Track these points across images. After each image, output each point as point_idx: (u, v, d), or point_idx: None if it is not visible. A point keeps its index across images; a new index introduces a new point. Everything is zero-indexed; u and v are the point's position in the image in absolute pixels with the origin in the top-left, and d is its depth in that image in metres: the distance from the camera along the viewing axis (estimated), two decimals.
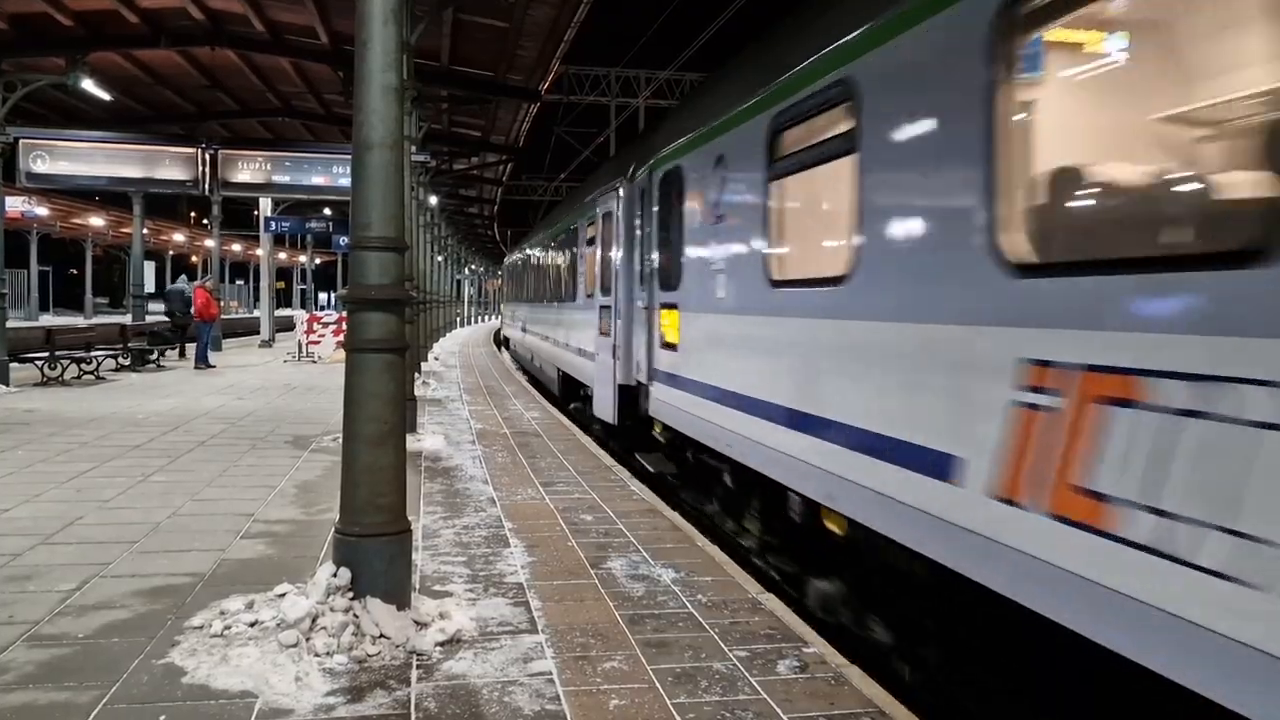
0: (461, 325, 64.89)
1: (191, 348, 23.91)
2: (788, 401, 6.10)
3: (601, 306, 12.56)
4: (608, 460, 10.75)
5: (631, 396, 11.07)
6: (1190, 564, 3.00)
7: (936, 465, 4.36)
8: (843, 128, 5.52)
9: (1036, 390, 3.73)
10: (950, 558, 4.25)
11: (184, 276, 28.18)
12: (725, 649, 4.84)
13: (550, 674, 4.45)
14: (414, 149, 15.31)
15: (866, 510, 5.07)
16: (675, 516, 7.94)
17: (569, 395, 17.33)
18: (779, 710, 4.12)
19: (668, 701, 4.17)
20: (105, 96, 20.34)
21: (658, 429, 10.19)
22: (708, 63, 42.62)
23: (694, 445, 8.79)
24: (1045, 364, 3.70)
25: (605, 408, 12.20)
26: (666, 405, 9.49)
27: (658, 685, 4.34)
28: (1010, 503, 3.83)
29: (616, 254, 11.76)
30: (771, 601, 5.66)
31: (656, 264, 10.01)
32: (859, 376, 5.26)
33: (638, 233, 10.96)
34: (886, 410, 4.90)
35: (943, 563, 4.31)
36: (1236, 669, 2.83)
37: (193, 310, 23.42)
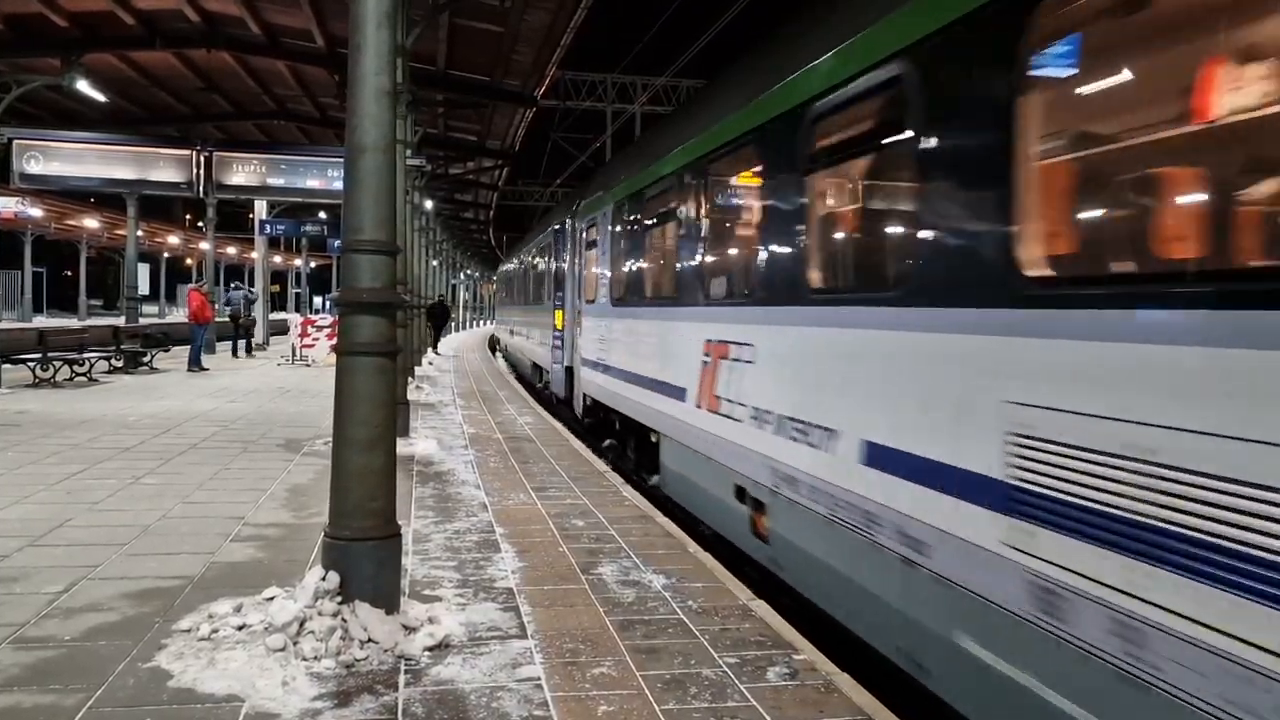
0: (456, 330, 64.84)
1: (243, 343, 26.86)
2: None
3: None
4: (600, 466, 10.74)
5: None
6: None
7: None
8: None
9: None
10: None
11: (243, 284, 29.64)
12: (715, 655, 4.82)
13: (539, 679, 4.44)
14: (409, 153, 15.32)
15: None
16: (667, 523, 7.93)
17: None
18: (768, 717, 4.11)
19: (656, 708, 4.15)
20: (100, 98, 20.35)
21: None
22: (704, 69, 42.69)
23: None
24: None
25: None
26: None
27: (646, 691, 4.33)
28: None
29: None
30: (762, 608, 5.65)
31: None
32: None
33: None
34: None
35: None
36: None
37: (188, 313, 23.45)
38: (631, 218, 11.26)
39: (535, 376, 22.44)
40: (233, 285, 30.39)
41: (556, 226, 17.87)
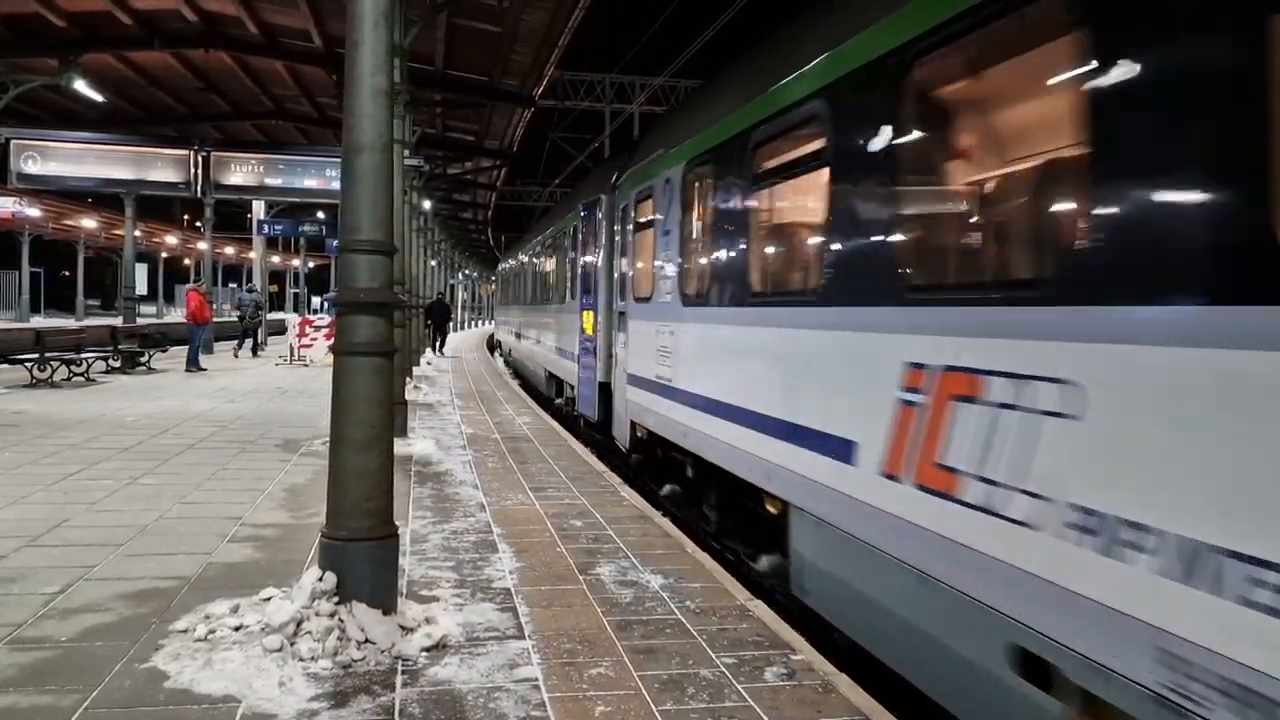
0: (455, 329, 64.77)
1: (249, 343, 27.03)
2: None
3: None
4: (599, 466, 10.73)
5: None
6: None
7: None
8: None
9: None
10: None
11: (255, 287, 29.27)
12: (713, 656, 4.82)
13: (536, 680, 4.43)
14: (407, 153, 15.31)
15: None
16: (666, 523, 7.92)
17: None
18: (765, 718, 4.10)
19: (654, 709, 4.15)
20: (98, 98, 20.34)
21: None
22: (702, 69, 42.63)
23: None
24: None
25: None
26: None
27: (644, 692, 4.32)
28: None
29: None
30: (760, 608, 5.64)
31: None
32: None
33: None
34: None
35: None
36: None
37: (186, 313, 23.46)
38: (724, 177, 7.60)
39: (551, 390, 18.79)
40: (247, 288, 30.50)
41: (585, 206, 14.00)
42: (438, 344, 32.98)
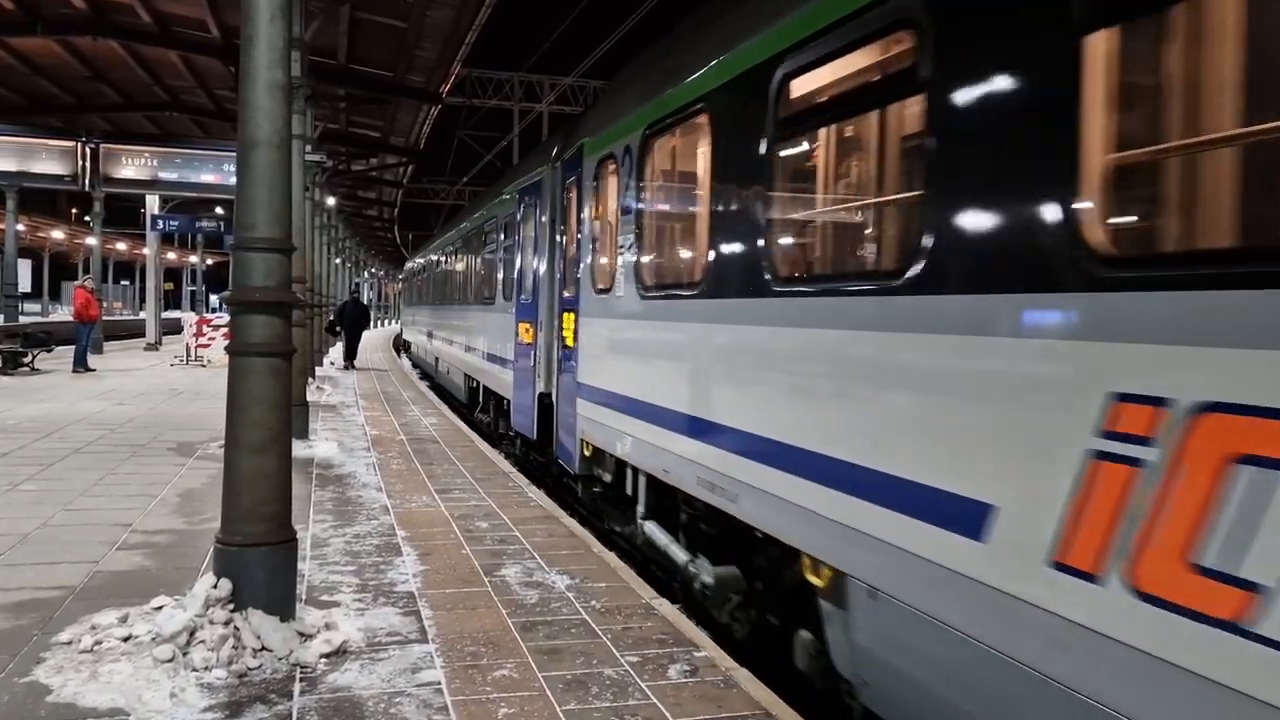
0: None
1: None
2: None
3: None
4: (505, 466, 10.67)
5: None
6: None
7: None
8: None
9: None
10: None
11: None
12: (617, 655, 4.85)
13: (439, 684, 4.39)
14: (309, 148, 14.96)
15: None
16: (572, 523, 7.93)
17: None
18: (668, 714, 4.15)
19: (557, 709, 4.15)
20: None
21: None
22: (611, 69, 42.70)
23: None
24: None
25: None
26: None
27: (548, 692, 4.33)
28: None
29: None
30: (664, 606, 5.70)
31: None
32: None
33: None
34: None
35: None
36: None
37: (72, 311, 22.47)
38: None
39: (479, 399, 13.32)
40: None
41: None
42: (347, 354, 26.22)
